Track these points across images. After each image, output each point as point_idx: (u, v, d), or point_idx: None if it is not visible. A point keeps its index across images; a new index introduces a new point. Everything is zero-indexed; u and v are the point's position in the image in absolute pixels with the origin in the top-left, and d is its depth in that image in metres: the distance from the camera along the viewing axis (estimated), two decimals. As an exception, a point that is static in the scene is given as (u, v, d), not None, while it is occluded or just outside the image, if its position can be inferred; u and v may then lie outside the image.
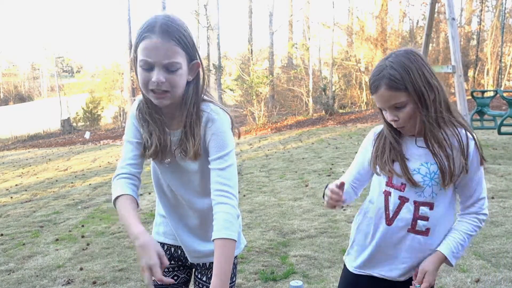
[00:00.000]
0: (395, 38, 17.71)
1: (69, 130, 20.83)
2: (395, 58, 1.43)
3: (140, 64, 1.36)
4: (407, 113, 1.42)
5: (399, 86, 1.40)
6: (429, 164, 1.47)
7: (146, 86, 1.37)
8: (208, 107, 1.46)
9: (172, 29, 1.33)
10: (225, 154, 1.42)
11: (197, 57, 1.41)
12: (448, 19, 6.50)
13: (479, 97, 7.70)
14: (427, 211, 1.49)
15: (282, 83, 19.72)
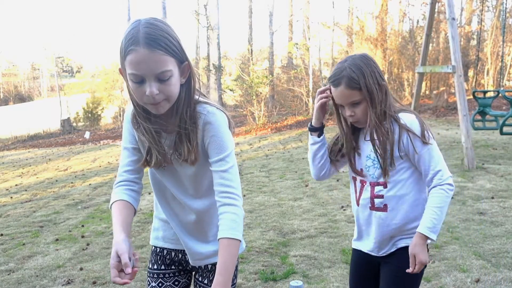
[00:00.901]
0: (395, 38, 17.69)
1: (69, 130, 20.83)
2: (352, 61, 1.66)
3: (130, 78, 1.32)
4: (362, 109, 1.67)
5: (356, 86, 1.63)
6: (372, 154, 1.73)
7: (141, 100, 1.35)
8: (205, 108, 1.44)
9: (157, 36, 1.29)
10: (226, 155, 1.42)
11: (186, 59, 1.39)
12: (448, 19, 6.50)
13: (481, 97, 7.68)
14: (381, 189, 1.72)
15: (282, 83, 19.71)
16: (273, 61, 22.84)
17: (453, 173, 6.61)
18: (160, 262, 1.64)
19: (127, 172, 1.51)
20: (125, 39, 1.31)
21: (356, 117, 1.68)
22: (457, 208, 4.60)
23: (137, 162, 1.51)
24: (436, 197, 1.63)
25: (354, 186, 1.82)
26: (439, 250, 3.58)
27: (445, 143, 8.42)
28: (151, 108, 1.37)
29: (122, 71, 1.38)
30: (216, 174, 1.42)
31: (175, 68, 1.35)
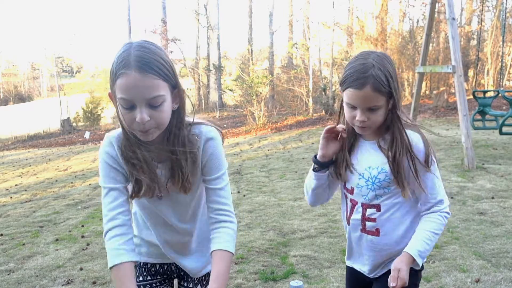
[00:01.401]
0: (395, 38, 17.70)
1: (69, 130, 20.82)
2: (378, 59, 1.45)
3: (120, 103, 1.26)
4: (379, 115, 1.48)
5: (384, 89, 1.43)
6: (371, 169, 1.55)
7: (131, 126, 1.29)
8: (201, 129, 1.43)
9: (149, 60, 1.23)
10: (222, 173, 1.45)
11: (178, 84, 1.34)
12: (448, 19, 6.50)
13: (481, 97, 7.70)
14: (374, 212, 1.57)
15: (282, 83, 19.71)
16: (273, 61, 22.85)
17: (453, 173, 6.59)
18: (146, 274, 1.63)
19: (121, 214, 1.37)
20: (115, 62, 1.25)
21: (367, 123, 1.49)
22: (457, 208, 4.59)
23: (127, 200, 1.42)
24: (433, 222, 1.52)
25: (345, 203, 1.67)
26: (439, 250, 3.58)
27: (445, 143, 8.41)
28: (140, 135, 1.31)
29: (112, 95, 1.32)
30: (212, 191, 1.44)
31: (168, 94, 1.29)
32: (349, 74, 1.46)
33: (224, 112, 20.48)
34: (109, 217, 1.37)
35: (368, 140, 1.59)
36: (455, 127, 10.25)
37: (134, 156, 1.37)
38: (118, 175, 1.39)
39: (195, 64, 24.76)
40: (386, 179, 1.53)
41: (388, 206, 1.55)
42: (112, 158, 1.39)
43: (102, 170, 1.40)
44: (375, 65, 1.43)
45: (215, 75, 22.08)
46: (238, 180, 6.85)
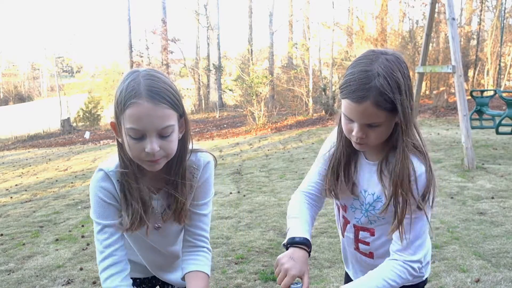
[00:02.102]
0: (395, 38, 17.70)
1: (69, 130, 20.82)
2: (386, 65, 1.20)
3: (128, 133, 1.21)
4: (380, 132, 1.25)
5: (387, 106, 1.19)
6: (366, 194, 1.39)
7: (138, 157, 1.25)
8: (198, 157, 1.43)
9: (160, 89, 1.21)
10: (209, 200, 1.47)
11: (185, 113, 1.32)
12: (448, 19, 6.50)
13: (478, 96, 7.73)
14: (368, 236, 1.43)
15: (282, 83, 19.72)
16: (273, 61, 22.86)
17: (453, 173, 6.59)
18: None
19: (118, 250, 1.35)
20: (124, 90, 1.21)
21: (366, 140, 1.27)
22: (457, 208, 4.59)
23: (122, 235, 1.39)
24: (395, 271, 1.28)
25: (338, 215, 1.54)
26: (439, 250, 3.58)
27: (445, 143, 8.41)
28: (148, 165, 1.27)
29: (115, 125, 1.28)
30: (196, 216, 1.44)
31: (176, 123, 1.27)
32: (349, 82, 1.22)
33: (224, 112, 20.48)
34: (105, 255, 1.34)
35: (369, 159, 1.39)
36: (455, 127, 10.25)
37: (134, 188, 1.33)
38: (114, 211, 1.35)
39: (195, 64, 24.77)
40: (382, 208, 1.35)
41: (382, 231, 1.39)
42: (108, 193, 1.34)
43: (96, 206, 1.34)
44: (380, 74, 1.18)
45: (215, 75, 22.09)
46: (238, 180, 6.84)
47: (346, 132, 1.30)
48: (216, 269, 3.53)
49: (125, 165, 1.33)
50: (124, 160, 1.32)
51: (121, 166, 1.34)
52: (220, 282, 3.30)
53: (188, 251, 1.45)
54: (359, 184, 1.39)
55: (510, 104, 6.77)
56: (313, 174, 1.52)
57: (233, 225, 4.61)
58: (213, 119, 19.10)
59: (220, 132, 14.87)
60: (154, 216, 1.40)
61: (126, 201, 1.34)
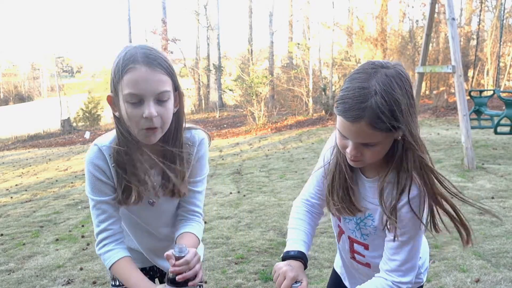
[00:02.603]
0: (395, 38, 17.71)
1: (69, 130, 20.81)
2: (385, 81, 1.10)
3: (127, 98, 1.24)
4: (376, 152, 1.18)
5: (384, 127, 1.10)
6: (368, 213, 1.34)
7: (137, 125, 1.27)
8: (192, 134, 1.45)
9: (156, 56, 1.26)
10: (204, 177, 1.50)
11: (179, 86, 1.35)
12: (448, 19, 6.50)
13: (477, 96, 7.73)
14: (362, 250, 1.40)
15: (282, 83, 19.71)
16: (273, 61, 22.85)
17: (453, 173, 6.58)
18: None
19: (113, 224, 1.38)
20: (121, 59, 1.25)
21: (360, 158, 1.20)
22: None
23: (117, 209, 1.42)
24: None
25: (334, 222, 1.49)
26: (439, 250, 3.58)
27: (445, 143, 8.42)
28: (145, 134, 1.29)
29: (112, 99, 1.32)
30: (191, 192, 1.47)
31: (172, 91, 1.30)
32: (344, 98, 1.14)
33: (224, 112, 20.48)
34: (100, 228, 1.38)
35: (366, 175, 1.32)
36: (455, 127, 10.25)
37: (129, 162, 1.35)
38: (106, 187, 1.38)
39: (195, 64, 24.77)
40: (372, 226, 1.32)
41: (377, 245, 1.35)
42: (100, 170, 1.36)
43: (90, 182, 1.39)
44: (378, 92, 1.08)
45: (215, 75, 22.08)
46: (238, 180, 6.84)
47: (341, 148, 1.24)
48: (216, 269, 3.53)
49: (123, 138, 1.34)
50: (122, 133, 1.33)
51: (118, 140, 1.35)
52: (220, 282, 3.30)
53: (181, 224, 1.48)
54: (361, 197, 1.33)
55: (508, 104, 6.77)
56: (313, 180, 1.48)
57: (233, 225, 4.61)
58: (213, 119, 19.10)
59: (220, 132, 14.87)
60: (148, 192, 1.41)
61: (119, 176, 1.36)
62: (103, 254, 1.38)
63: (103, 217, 1.38)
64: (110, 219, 1.38)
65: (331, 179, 1.34)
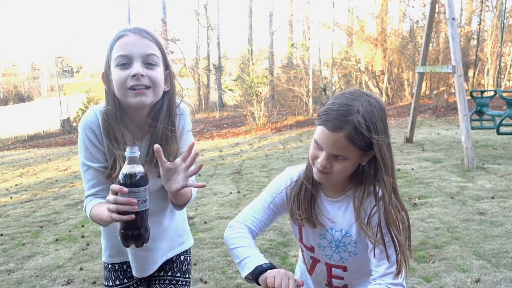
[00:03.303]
0: (395, 38, 17.70)
1: (69, 130, 20.81)
2: (367, 105, 1.22)
3: (116, 62, 1.33)
4: (344, 167, 1.26)
5: (359, 143, 1.21)
6: (334, 231, 1.38)
7: (124, 84, 1.32)
8: (180, 109, 1.50)
9: (146, 29, 1.38)
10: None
11: (170, 67, 1.42)
12: (448, 19, 6.50)
13: (478, 97, 7.72)
14: (341, 272, 1.42)
15: (282, 83, 19.71)
16: (273, 61, 22.84)
17: (453, 173, 6.58)
18: (122, 277, 1.63)
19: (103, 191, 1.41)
20: (114, 35, 1.37)
21: (329, 170, 1.27)
22: (457, 208, 4.59)
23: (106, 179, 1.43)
24: None
25: (302, 254, 1.50)
26: (439, 250, 3.58)
27: (445, 143, 8.42)
28: (134, 96, 1.33)
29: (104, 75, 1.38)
30: None
31: (161, 64, 1.37)
32: (329, 111, 1.24)
33: (224, 112, 20.48)
34: (90, 193, 1.43)
35: (329, 197, 1.39)
36: (455, 127, 10.25)
37: (116, 129, 1.39)
38: (99, 153, 1.41)
39: (195, 64, 24.76)
40: (352, 243, 1.36)
41: (356, 264, 1.39)
42: (94, 134, 1.40)
43: (84, 147, 1.41)
44: (360, 111, 1.20)
45: (215, 75, 22.08)
46: (238, 180, 6.84)
47: (312, 158, 1.31)
48: (216, 269, 3.53)
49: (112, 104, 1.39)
50: (110, 103, 1.38)
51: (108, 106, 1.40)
52: (220, 282, 3.30)
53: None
54: (324, 222, 1.38)
55: (510, 104, 6.76)
56: (259, 209, 1.46)
57: (233, 225, 4.60)
58: (213, 119, 19.10)
59: (220, 132, 14.87)
60: None
61: (109, 143, 1.39)
62: (89, 206, 1.41)
63: (94, 182, 1.41)
64: (101, 185, 1.41)
65: (297, 191, 1.40)
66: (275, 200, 1.44)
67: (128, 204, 1.16)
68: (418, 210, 4.58)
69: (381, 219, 1.28)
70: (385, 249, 1.27)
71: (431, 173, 6.09)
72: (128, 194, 1.16)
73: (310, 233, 1.42)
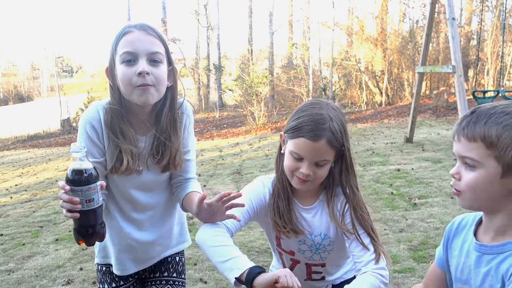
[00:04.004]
0: (395, 38, 17.70)
1: (69, 130, 20.81)
2: (334, 113, 1.36)
3: (122, 58, 1.33)
4: (325, 171, 1.37)
5: (336, 145, 1.34)
6: (313, 236, 1.45)
7: (130, 82, 1.33)
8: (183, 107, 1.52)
9: (151, 26, 1.39)
10: (194, 145, 1.58)
11: (173, 63, 1.44)
12: (448, 19, 6.50)
13: (480, 97, 7.72)
14: (320, 268, 1.52)
15: (282, 83, 19.72)
16: (273, 61, 22.85)
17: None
18: (118, 279, 1.62)
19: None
20: (119, 31, 1.37)
21: (311, 178, 1.36)
22: (457, 208, 4.59)
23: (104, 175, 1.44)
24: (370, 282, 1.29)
25: (280, 257, 1.56)
26: (439, 250, 3.58)
27: (445, 143, 8.42)
28: (139, 94, 1.33)
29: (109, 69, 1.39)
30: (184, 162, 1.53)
31: (165, 62, 1.39)
32: (305, 122, 1.34)
33: (224, 112, 20.48)
34: None
35: (304, 205, 1.46)
36: (455, 127, 10.24)
37: (120, 126, 1.39)
38: (96, 149, 1.41)
39: (195, 64, 24.77)
40: (331, 244, 1.46)
41: (334, 259, 1.52)
42: (94, 130, 1.40)
43: (80, 140, 1.40)
44: (332, 118, 1.34)
45: (215, 75, 22.08)
46: (238, 180, 6.84)
47: (290, 170, 1.38)
48: (216, 269, 3.53)
49: (116, 101, 1.40)
50: (115, 99, 1.39)
51: (113, 102, 1.40)
52: (220, 282, 3.30)
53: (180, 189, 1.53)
54: (303, 229, 1.44)
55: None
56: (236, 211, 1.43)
57: (233, 225, 4.60)
58: (213, 119, 19.10)
59: (220, 132, 14.87)
60: (137, 158, 1.43)
61: (109, 138, 1.39)
62: None
63: None
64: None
65: (275, 203, 1.45)
66: (254, 206, 1.45)
67: (70, 203, 1.14)
68: (418, 210, 4.57)
69: (353, 214, 1.38)
70: (362, 241, 1.35)
71: (431, 173, 6.08)
72: (71, 192, 1.14)
73: (290, 240, 1.46)
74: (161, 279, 1.64)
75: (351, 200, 1.39)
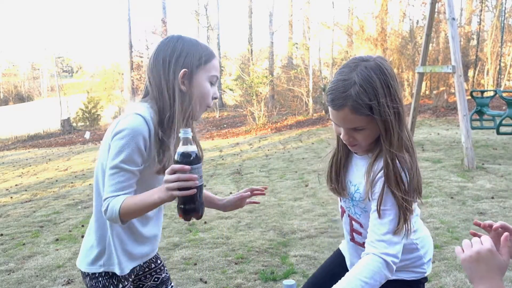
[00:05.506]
0: (395, 38, 17.69)
1: (69, 130, 20.82)
2: (363, 73, 1.26)
3: (211, 79, 1.52)
4: (366, 135, 1.32)
5: (365, 112, 1.25)
6: (351, 184, 1.46)
7: (207, 100, 1.52)
8: None
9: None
10: None
11: None
12: (448, 19, 6.50)
13: (479, 97, 7.72)
14: (359, 227, 1.48)
15: (282, 83, 19.71)
16: (273, 61, 22.84)
17: (453, 173, 6.57)
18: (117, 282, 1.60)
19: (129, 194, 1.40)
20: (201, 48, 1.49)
21: (355, 142, 1.35)
22: (457, 208, 4.60)
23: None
24: (370, 268, 1.24)
25: (339, 204, 1.60)
26: (439, 250, 3.58)
27: (445, 143, 8.42)
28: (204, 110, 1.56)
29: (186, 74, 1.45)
30: None
31: None
32: (330, 90, 1.32)
33: (224, 112, 20.48)
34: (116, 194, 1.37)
35: (358, 154, 1.46)
36: (455, 127, 10.25)
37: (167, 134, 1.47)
38: (140, 158, 1.41)
39: (195, 64, 24.73)
40: (361, 200, 1.41)
41: (367, 223, 1.39)
42: (144, 141, 1.40)
43: (128, 152, 1.37)
44: (357, 82, 1.24)
45: (215, 75, 22.04)
46: (238, 180, 6.84)
47: (337, 134, 1.42)
48: (216, 269, 3.53)
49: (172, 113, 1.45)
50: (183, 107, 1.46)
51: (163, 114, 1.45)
52: (220, 282, 3.30)
53: None
54: (348, 175, 1.49)
55: (510, 104, 6.77)
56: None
57: (233, 225, 4.61)
58: (213, 119, 19.10)
59: (220, 132, 14.87)
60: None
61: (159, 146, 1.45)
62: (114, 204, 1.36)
63: (124, 185, 1.38)
64: (130, 189, 1.39)
65: (336, 161, 1.50)
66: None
67: (191, 180, 1.27)
68: (418, 210, 4.58)
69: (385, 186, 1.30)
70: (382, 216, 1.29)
71: (431, 173, 6.09)
72: (190, 171, 1.28)
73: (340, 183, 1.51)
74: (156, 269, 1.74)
75: (385, 171, 1.29)
